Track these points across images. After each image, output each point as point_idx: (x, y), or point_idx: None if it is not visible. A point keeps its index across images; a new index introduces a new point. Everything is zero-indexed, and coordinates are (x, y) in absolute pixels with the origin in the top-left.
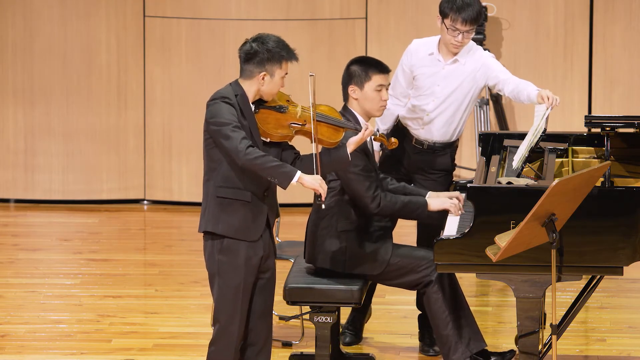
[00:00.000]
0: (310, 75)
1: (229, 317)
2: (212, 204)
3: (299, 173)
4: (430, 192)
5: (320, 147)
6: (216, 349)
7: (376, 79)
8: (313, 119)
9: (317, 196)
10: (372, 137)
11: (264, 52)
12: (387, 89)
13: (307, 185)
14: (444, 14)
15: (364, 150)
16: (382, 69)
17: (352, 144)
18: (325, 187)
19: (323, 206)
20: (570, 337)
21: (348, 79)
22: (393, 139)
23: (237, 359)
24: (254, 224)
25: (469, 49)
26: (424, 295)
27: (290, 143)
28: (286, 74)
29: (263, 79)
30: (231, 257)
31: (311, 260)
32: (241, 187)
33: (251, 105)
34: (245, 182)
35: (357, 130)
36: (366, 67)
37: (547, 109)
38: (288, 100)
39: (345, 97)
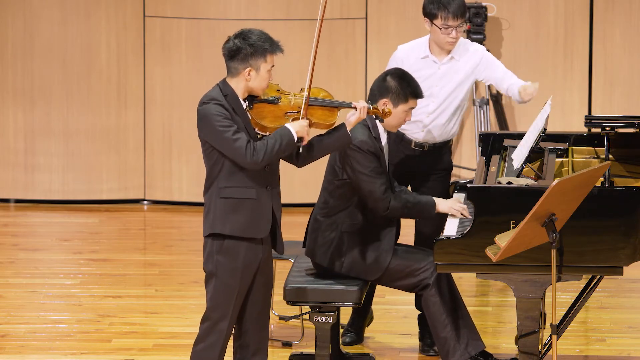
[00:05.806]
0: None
1: (221, 316)
2: (217, 205)
3: (290, 127)
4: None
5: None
6: (205, 346)
7: (411, 103)
8: (305, 104)
9: (299, 139)
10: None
11: (246, 47)
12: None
13: (298, 131)
14: (432, 16)
15: (375, 152)
16: (418, 95)
17: (351, 123)
18: (310, 131)
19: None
20: (570, 337)
21: (384, 91)
22: (386, 109)
23: (223, 358)
24: (261, 221)
25: (458, 42)
26: (421, 297)
27: None
28: (272, 66)
29: (249, 74)
30: (230, 259)
31: (310, 254)
32: (244, 185)
33: (242, 102)
34: (248, 180)
35: (351, 107)
36: (406, 89)
37: (545, 106)
38: (278, 90)
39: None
